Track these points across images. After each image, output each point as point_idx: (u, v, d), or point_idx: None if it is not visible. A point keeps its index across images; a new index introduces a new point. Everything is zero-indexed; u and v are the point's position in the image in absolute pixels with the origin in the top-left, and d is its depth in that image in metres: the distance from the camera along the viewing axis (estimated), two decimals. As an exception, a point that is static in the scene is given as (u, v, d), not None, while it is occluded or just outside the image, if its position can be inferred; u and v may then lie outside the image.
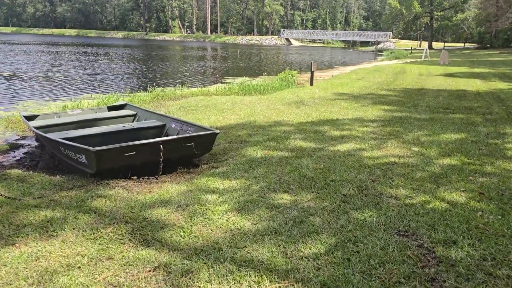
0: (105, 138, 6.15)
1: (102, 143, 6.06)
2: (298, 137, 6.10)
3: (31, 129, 6.17)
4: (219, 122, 7.69)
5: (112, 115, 7.50)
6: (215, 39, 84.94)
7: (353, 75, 18.10)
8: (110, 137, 6.19)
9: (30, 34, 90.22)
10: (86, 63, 25.13)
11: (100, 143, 6.03)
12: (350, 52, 59.98)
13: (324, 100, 10.15)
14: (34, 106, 11.14)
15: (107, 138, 6.17)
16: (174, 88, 14.31)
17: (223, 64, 28.66)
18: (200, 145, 4.99)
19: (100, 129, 6.35)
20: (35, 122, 7.00)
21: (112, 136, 6.21)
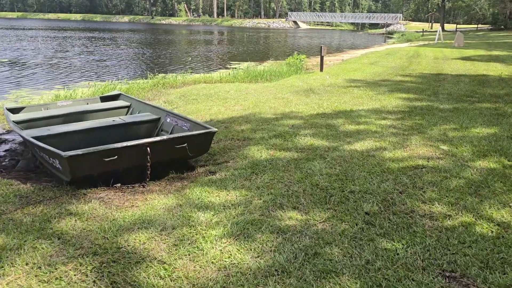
0: (92, 134, 5.49)
1: (88, 140, 5.41)
2: (309, 133, 5.37)
3: (9, 124, 5.52)
4: (220, 114, 6.98)
5: (104, 107, 6.82)
6: (221, 22, 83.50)
7: (365, 59, 17.19)
8: (98, 133, 5.53)
9: (36, 19, 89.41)
10: (91, 49, 24.41)
11: (86, 141, 5.38)
12: (359, 35, 58.48)
13: (336, 87, 9.37)
14: (27, 96, 10.50)
15: (95, 135, 5.51)
16: (176, 74, 13.58)
17: (228, 48, 27.78)
18: (194, 146, 4.30)
19: (87, 124, 5.67)
20: (19, 116, 6.35)
21: (100, 132, 5.55)
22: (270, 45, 32.80)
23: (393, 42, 37.91)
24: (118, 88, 10.28)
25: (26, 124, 6.11)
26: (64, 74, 14.56)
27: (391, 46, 29.88)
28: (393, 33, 56.39)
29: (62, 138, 5.28)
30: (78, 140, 5.33)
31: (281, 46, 32.54)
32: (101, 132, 5.55)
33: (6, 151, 6.03)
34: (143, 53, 22.92)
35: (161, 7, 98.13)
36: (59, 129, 5.33)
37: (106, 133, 5.59)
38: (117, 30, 50.17)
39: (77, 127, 5.46)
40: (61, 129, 5.33)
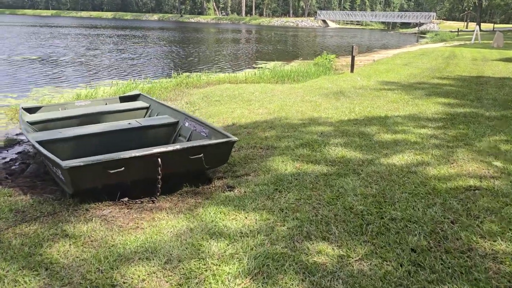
0: (105, 138, 5.14)
1: (101, 144, 5.06)
2: (339, 142, 4.84)
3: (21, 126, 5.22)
4: (243, 118, 6.52)
5: (122, 108, 6.48)
6: (249, 21, 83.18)
7: (398, 59, 16.39)
8: (112, 137, 5.17)
9: (69, 17, 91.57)
10: (119, 46, 24.44)
11: (99, 145, 5.03)
12: (390, 34, 56.96)
13: (368, 90, 8.75)
14: (48, 94, 10.34)
15: (108, 139, 5.16)
16: (200, 74, 13.22)
17: (255, 47, 27.33)
18: (212, 157, 3.85)
19: (101, 127, 5.32)
20: (33, 116, 6.08)
21: (115, 136, 5.19)
22: (298, 44, 32.17)
23: (426, 42, 36.58)
24: (140, 87, 9.99)
25: (40, 125, 5.83)
26: (90, 72, 14.44)
27: (425, 46, 28.73)
28: (425, 33, 54.67)
29: (73, 142, 4.95)
30: (91, 144, 4.99)
31: (309, 45, 31.86)
32: (116, 136, 5.20)
33: (19, 153, 5.76)
34: (170, 51, 22.75)
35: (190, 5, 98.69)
36: (71, 132, 4.99)
37: (121, 137, 5.23)
38: (146, 28, 50.54)
39: (90, 130, 5.12)
40: (73, 132, 4.99)
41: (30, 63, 16.10)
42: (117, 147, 5.27)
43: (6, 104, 9.16)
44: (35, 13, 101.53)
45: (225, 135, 4.10)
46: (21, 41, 25.97)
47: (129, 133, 5.30)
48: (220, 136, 4.20)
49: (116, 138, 5.21)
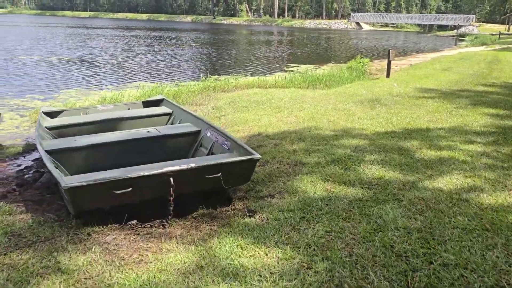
0: (123, 147, 4.83)
1: (117, 154, 4.75)
2: (376, 159, 4.32)
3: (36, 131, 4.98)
4: (271, 127, 6.08)
5: (144, 114, 6.18)
6: (282, 23, 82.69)
7: (437, 64, 15.53)
8: (130, 146, 4.86)
9: (106, 19, 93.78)
10: (151, 48, 24.53)
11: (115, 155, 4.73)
12: (426, 37, 55.17)
13: (406, 98, 8.13)
14: (75, 96, 10.23)
15: (126, 148, 4.85)
16: (229, 77, 12.88)
17: (286, 50, 26.84)
18: (232, 176, 3.43)
19: (119, 135, 5.01)
20: (52, 121, 5.86)
21: (133, 145, 4.88)
22: (331, 47, 31.45)
23: (466, 45, 35.03)
24: (167, 91, 9.73)
25: (58, 131, 5.60)
26: (119, 74, 14.38)
27: (464, 50, 27.44)
28: (464, 36, 52.59)
29: (88, 151, 4.66)
30: (106, 154, 4.69)
31: (342, 48, 31.08)
32: (134, 145, 4.88)
33: (35, 160, 5.53)
34: (200, 53, 22.59)
35: (223, 7, 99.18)
36: (86, 141, 4.70)
37: (139, 146, 4.91)
38: (179, 29, 50.92)
39: (106, 138, 4.81)
40: (88, 141, 4.70)
41: (63, 64, 16.24)
42: (134, 158, 4.95)
43: (32, 106, 9.08)
44: (74, 14, 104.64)
45: (247, 151, 3.67)
46: (59, 42, 26.51)
47: (147, 143, 4.98)
48: (243, 152, 3.78)
49: (134, 148, 4.90)
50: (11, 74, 13.46)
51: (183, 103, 8.79)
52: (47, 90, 11.00)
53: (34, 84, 11.83)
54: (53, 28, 42.52)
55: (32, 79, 12.65)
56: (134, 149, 4.89)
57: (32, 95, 10.30)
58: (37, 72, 14.05)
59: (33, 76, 13.11)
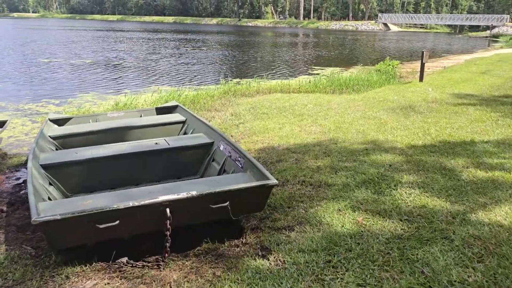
0: (128, 161, 4.35)
1: (121, 169, 4.28)
2: (415, 180, 3.66)
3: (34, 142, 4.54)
4: (292, 137, 5.49)
5: (157, 121, 5.71)
6: (307, 25, 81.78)
7: (473, 66, 14.55)
8: (136, 159, 4.38)
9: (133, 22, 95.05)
10: (174, 51, 24.30)
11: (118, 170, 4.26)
12: (457, 38, 53.26)
13: (443, 104, 7.38)
14: (91, 100, 9.90)
15: (132, 161, 4.37)
16: (251, 80, 12.34)
17: (312, 52, 26.13)
18: (242, 204, 2.87)
19: (125, 147, 4.53)
20: (59, 129, 5.46)
21: (139, 158, 4.40)
22: (357, 49, 30.53)
23: (501, 46, 33.40)
24: (184, 96, 9.27)
25: (62, 141, 5.18)
26: (139, 78, 14.05)
27: (500, 51, 26.06)
28: (498, 36, 50.57)
29: (89, 165, 4.19)
30: (109, 168, 4.22)
31: (369, 49, 30.11)
32: (140, 159, 4.40)
33: (37, 172, 5.10)
34: (223, 56, 22.17)
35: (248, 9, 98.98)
36: (88, 154, 4.23)
37: (146, 159, 4.42)
38: (204, 31, 50.84)
39: (111, 151, 4.34)
40: (90, 154, 4.23)
41: (85, 67, 16.07)
42: (140, 173, 4.46)
43: (46, 111, 8.78)
44: (103, 18, 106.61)
45: (262, 173, 3.09)
46: (85, 44, 26.64)
47: (155, 156, 4.48)
48: (257, 173, 3.21)
49: (140, 161, 4.42)
50: (32, 77, 13.33)
51: (201, 108, 8.30)
52: (64, 94, 10.72)
53: (52, 88, 11.60)
54: (80, 31, 43.09)
55: (51, 82, 12.45)
56: (140, 163, 4.40)
57: (48, 99, 10.03)
58: (58, 75, 13.88)
59: (52, 80, 12.92)
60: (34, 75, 13.82)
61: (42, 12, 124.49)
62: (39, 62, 17.25)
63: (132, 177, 4.41)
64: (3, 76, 13.37)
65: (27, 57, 19.06)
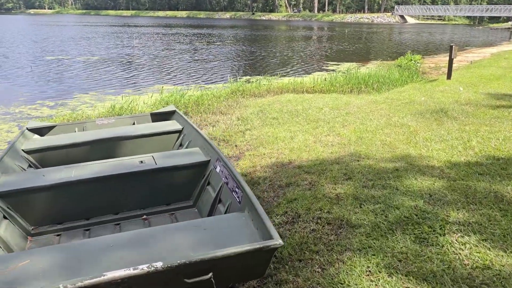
0: (108, 184, 3.57)
1: (99, 196, 3.54)
2: (466, 220, 2.79)
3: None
4: (306, 151, 4.64)
5: (150, 131, 4.91)
6: (322, 18, 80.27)
7: (502, 61, 13.42)
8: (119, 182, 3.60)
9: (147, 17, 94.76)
10: (184, 46, 23.55)
11: (96, 197, 3.51)
12: (478, 30, 51.35)
13: (479, 107, 6.43)
14: (89, 102, 9.18)
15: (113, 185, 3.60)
16: (262, 78, 11.49)
17: (327, 46, 25.08)
18: (233, 273, 2.04)
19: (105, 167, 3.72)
20: (36, 142, 4.69)
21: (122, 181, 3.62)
22: (374, 42, 29.32)
23: (526, 38, 31.83)
24: (187, 96, 8.48)
25: (39, 156, 4.44)
26: (143, 76, 13.31)
27: (527, 43, 24.64)
28: (521, 28, 48.68)
29: (57, 192, 3.42)
30: (82, 195, 3.46)
31: (387, 43, 28.89)
32: (121, 182, 3.61)
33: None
34: (235, 51, 21.33)
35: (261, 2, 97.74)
36: (59, 176, 3.46)
37: (129, 183, 3.63)
38: (217, 26, 49.98)
39: (87, 173, 3.55)
40: (61, 177, 3.45)
41: (89, 65, 15.42)
42: (120, 199, 3.68)
43: (38, 114, 8.09)
44: (117, 13, 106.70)
45: (262, 221, 2.25)
46: (95, 41, 26.08)
47: (141, 178, 3.68)
48: (256, 219, 2.38)
49: (122, 185, 3.62)
50: (32, 77, 12.71)
51: (205, 111, 7.50)
52: (61, 95, 10.04)
53: (50, 88, 10.94)
54: (93, 27, 42.69)
55: (51, 82, 11.80)
56: (122, 187, 3.61)
57: (43, 100, 9.35)
58: (59, 74, 13.24)
59: (53, 79, 12.27)
60: (35, 74, 13.20)
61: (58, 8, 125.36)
62: (45, 60, 16.67)
63: (111, 204, 3.64)
64: (2, 76, 12.78)
65: (33, 55, 18.53)
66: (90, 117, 7.13)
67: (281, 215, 3.17)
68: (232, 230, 2.40)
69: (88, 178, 3.46)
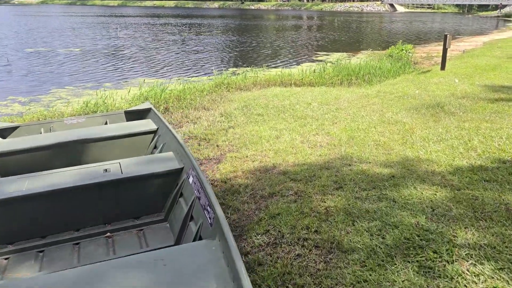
0: (68, 199, 3.12)
1: (55, 212, 3.08)
2: (476, 242, 2.38)
3: None
4: (292, 153, 4.21)
5: (123, 132, 4.40)
6: (311, 7, 79.44)
7: (496, 50, 13.06)
8: (81, 196, 3.15)
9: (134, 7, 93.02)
10: (171, 37, 22.88)
11: (51, 213, 3.06)
12: (467, 18, 51.10)
13: (476, 100, 6.04)
14: (64, 97, 8.64)
15: (74, 200, 3.14)
16: (249, 69, 11.00)
17: (316, 36, 24.57)
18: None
19: (65, 178, 3.25)
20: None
21: (85, 195, 3.16)
22: (364, 32, 28.85)
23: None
24: (169, 91, 7.98)
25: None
26: (126, 68, 12.73)
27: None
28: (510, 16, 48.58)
29: (7, 208, 2.96)
30: (38, 211, 3.01)
31: (377, 32, 28.45)
32: (83, 196, 3.14)
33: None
34: (222, 42, 20.73)
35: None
36: (9, 190, 2.99)
37: (92, 195, 3.17)
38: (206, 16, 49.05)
39: (43, 185, 3.07)
40: (12, 190, 2.98)
41: (71, 57, 14.78)
42: (83, 213, 3.23)
43: (8, 112, 7.55)
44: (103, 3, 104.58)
45: (234, 263, 1.82)
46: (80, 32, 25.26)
47: (105, 189, 3.21)
48: (227, 251, 1.95)
49: (84, 198, 3.16)
50: (7, 70, 12.07)
51: (188, 106, 7.03)
52: (36, 90, 9.47)
53: (25, 82, 10.34)
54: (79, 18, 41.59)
55: (26, 76, 11.19)
56: (84, 200, 3.15)
57: (15, 96, 8.78)
58: (37, 67, 12.61)
59: (29, 73, 11.66)
60: (11, 67, 12.55)
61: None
62: (24, 52, 15.97)
63: (71, 220, 3.19)
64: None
65: (12, 47, 17.77)
66: (63, 115, 6.62)
67: (262, 234, 2.74)
68: (199, 266, 1.96)
69: (43, 192, 2.99)
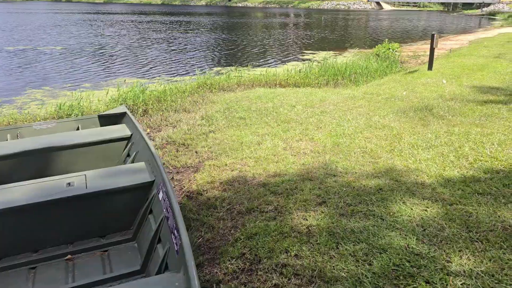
0: (24, 217, 2.83)
1: (20, 229, 2.80)
2: (473, 270, 2.15)
3: None
4: (274, 161, 3.94)
5: (95, 138, 4.09)
6: (298, 4, 79.29)
7: (482, 49, 12.96)
8: (42, 214, 2.86)
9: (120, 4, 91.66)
10: (156, 35, 22.42)
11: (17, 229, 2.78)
12: (452, 17, 51.39)
13: (465, 103, 5.85)
14: (40, 99, 8.24)
15: (34, 218, 2.86)
16: (234, 68, 10.71)
17: (302, 34, 24.34)
18: None
19: (28, 193, 2.94)
20: None
21: (47, 211, 2.87)
22: (351, 30, 28.72)
23: (501, 25, 31.79)
24: (149, 92, 7.65)
25: None
26: (107, 67, 12.33)
27: (502, 30, 24.45)
28: (494, 14, 49.02)
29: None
30: None
31: (364, 30, 28.35)
32: (42, 213, 2.85)
33: None
34: (208, 40, 20.35)
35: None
36: None
37: (52, 213, 2.88)
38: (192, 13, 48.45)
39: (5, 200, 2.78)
40: None
41: (51, 56, 14.29)
42: (41, 235, 2.94)
43: (-23, 115, 7.14)
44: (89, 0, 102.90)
45: None
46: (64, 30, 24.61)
47: (67, 205, 2.92)
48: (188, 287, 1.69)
49: (44, 216, 2.87)
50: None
51: (168, 108, 6.73)
52: (10, 90, 9.04)
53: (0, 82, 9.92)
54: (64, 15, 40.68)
55: (2, 76, 10.73)
56: (43, 219, 2.86)
57: (-14, 98, 8.37)
58: (15, 67, 12.12)
59: (5, 73, 11.18)
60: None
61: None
62: (4, 51, 15.41)
63: (28, 241, 2.90)
64: None
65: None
66: (36, 119, 6.26)
67: (236, 258, 2.48)
68: None
69: (5, 208, 2.70)
